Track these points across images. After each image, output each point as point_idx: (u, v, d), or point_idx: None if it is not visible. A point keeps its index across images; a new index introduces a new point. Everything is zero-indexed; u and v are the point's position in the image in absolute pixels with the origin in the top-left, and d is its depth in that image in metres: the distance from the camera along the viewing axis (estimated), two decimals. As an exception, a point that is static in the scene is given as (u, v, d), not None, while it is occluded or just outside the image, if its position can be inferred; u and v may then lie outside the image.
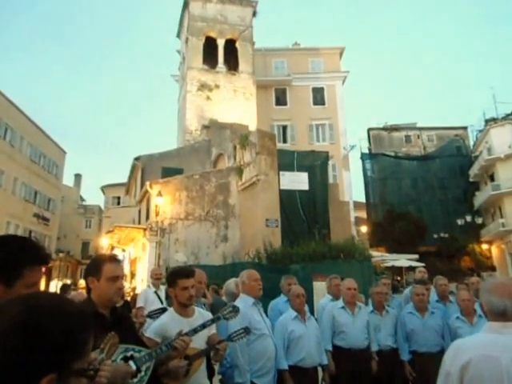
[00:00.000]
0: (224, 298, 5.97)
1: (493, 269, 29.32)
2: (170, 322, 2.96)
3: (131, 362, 2.25)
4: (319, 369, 4.69)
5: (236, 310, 3.10)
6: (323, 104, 32.32)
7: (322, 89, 32.61)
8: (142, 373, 2.28)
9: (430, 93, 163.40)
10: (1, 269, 1.52)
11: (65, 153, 39.72)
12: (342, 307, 5.05)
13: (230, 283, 5.61)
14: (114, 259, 2.52)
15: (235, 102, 27.53)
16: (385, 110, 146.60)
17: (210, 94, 27.30)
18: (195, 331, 2.76)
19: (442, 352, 4.80)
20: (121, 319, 2.45)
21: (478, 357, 1.77)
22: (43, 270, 1.69)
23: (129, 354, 2.26)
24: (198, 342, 2.86)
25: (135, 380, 2.23)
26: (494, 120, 32.23)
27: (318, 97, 32.52)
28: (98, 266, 2.40)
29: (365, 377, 4.78)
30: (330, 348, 4.84)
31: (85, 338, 0.87)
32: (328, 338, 4.89)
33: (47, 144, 35.74)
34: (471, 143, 36.64)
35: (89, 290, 2.41)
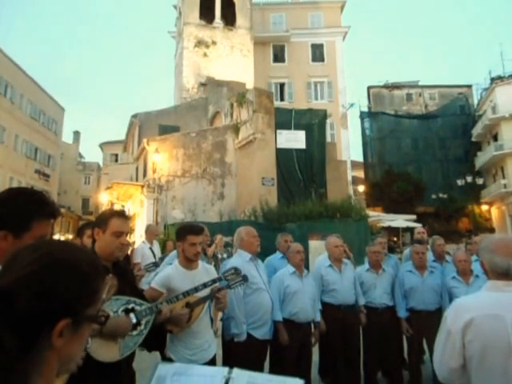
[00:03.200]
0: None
1: (492, 231, 29.12)
2: (175, 275, 3.08)
3: (132, 315, 2.29)
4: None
5: (238, 272, 3.24)
6: (322, 61, 31.44)
7: (322, 45, 31.64)
8: (142, 326, 2.34)
9: (434, 50, 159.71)
10: (10, 220, 1.56)
11: (63, 110, 39.80)
12: (330, 265, 5.04)
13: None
14: (122, 215, 2.54)
15: (232, 59, 26.89)
16: (386, 67, 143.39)
17: (206, 51, 26.64)
18: (196, 290, 2.89)
19: (439, 310, 4.89)
20: (122, 273, 2.51)
21: (481, 315, 1.75)
22: (52, 223, 1.72)
23: (130, 307, 2.32)
24: (202, 293, 3.00)
25: (134, 333, 2.28)
26: (501, 78, 31.35)
27: (317, 53, 31.61)
28: (105, 219, 2.46)
29: (354, 331, 4.91)
30: (319, 306, 4.85)
31: (97, 285, 0.88)
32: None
33: (46, 101, 35.95)
34: (475, 102, 35.82)
35: (94, 240, 2.47)
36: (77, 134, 48.32)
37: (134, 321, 2.28)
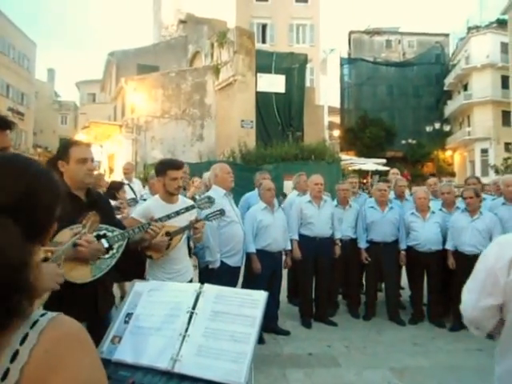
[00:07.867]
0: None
1: (452, 175, 30.93)
2: (154, 206, 3.20)
3: (103, 240, 2.41)
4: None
5: (211, 201, 3.39)
6: (306, 1, 30.80)
7: (306, -16, 30.84)
8: (114, 250, 2.45)
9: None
10: None
11: (35, 45, 37.77)
12: (309, 201, 5.41)
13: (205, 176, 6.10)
14: (80, 142, 2.58)
15: (214, -6, 25.98)
16: (369, 13, 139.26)
17: (187, -16, 25.57)
18: (169, 217, 3.00)
19: (395, 242, 5.59)
20: (96, 201, 2.54)
21: None
22: (7, 134, 1.72)
23: (102, 233, 2.42)
24: (182, 223, 3.16)
25: (107, 256, 2.40)
26: (477, 28, 31.61)
27: (301, -7, 30.87)
28: (65, 149, 2.44)
29: (326, 260, 5.40)
30: (296, 237, 5.31)
31: (54, 204, 0.87)
32: (295, 229, 5.31)
33: (15, 35, 33.80)
34: (451, 51, 36.27)
35: (61, 173, 2.44)
36: (51, 71, 46.47)
37: (106, 245, 2.39)
